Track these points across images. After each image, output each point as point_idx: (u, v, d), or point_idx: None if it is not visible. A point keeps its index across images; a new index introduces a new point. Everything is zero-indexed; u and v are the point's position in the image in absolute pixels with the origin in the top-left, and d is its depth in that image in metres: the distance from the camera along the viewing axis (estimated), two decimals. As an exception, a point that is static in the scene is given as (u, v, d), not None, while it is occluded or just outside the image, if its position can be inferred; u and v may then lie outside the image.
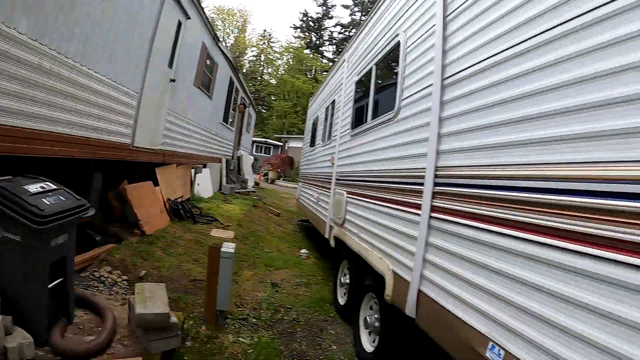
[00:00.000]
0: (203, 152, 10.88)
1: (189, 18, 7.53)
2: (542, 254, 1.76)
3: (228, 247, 3.93)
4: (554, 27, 1.82)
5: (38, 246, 2.60)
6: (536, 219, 1.81)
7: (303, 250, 8.00)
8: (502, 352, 1.90)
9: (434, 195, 2.78)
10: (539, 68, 1.89)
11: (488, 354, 1.99)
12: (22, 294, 2.62)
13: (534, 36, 1.94)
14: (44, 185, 2.88)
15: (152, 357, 2.93)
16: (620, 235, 1.40)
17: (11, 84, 3.20)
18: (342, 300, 5.10)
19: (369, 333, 3.92)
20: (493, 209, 2.14)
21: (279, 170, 29.49)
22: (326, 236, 6.32)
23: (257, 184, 20.86)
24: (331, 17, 54.72)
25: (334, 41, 53.73)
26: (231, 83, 13.55)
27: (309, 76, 46.60)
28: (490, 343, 1.99)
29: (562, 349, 1.56)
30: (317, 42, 54.42)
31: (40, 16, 3.41)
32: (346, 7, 52.40)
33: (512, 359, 1.82)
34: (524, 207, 1.90)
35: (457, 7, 2.74)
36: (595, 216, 1.51)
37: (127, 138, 5.63)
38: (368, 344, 3.88)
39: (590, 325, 1.47)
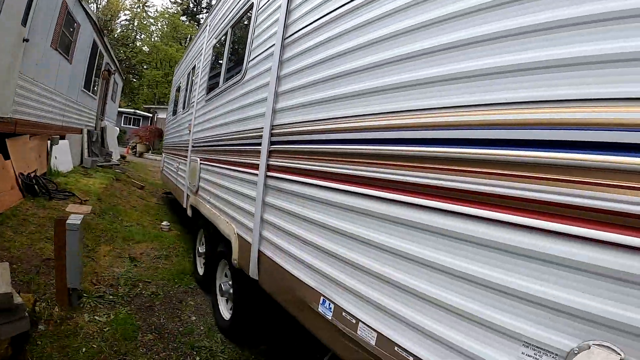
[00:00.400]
0: (61, 122, 10.18)
1: (47, -29, 6.98)
2: (361, 205, 1.88)
3: (74, 219, 3.74)
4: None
5: None
6: (356, 170, 1.94)
7: (164, 223, 7.90)
8: (332, 305, 2.01)
9: (270, 154, 2.89)
10: (367, 23, 2.01)
11: (320, 309, 2.10)
12: None
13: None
14: None
15: (0, 344, 2.81)
16: (433, 181, 1.52)
17: None
18: (201, 271, 5.19)
19: (226, 301, 4.04)
20: (317, 163, 2.28)
21: (147, 142, 28.26)
22: (184, 206, 6.31)
23: (123, 157, 19.87)
24: (211, -16, 52.52)
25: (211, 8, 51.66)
26: (95, 46, 12.74)
27: (183, 44, 44.58)
28: (322, 298, 2.10)
29: (386, 299, 1.68)
30: (195, 9, 52.14)
31: None
32: (226, -26, 50.50)
33: (341, 312, 1.93)
34: (343, 160, 2.05)
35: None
36: (410, 164, 1.64)
37: (-30, 105, 5.19)
38: (225, 311, 4.00)
39: (410, 274, 1.58)
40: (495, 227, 1.31)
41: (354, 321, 1.85)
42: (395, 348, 1.60)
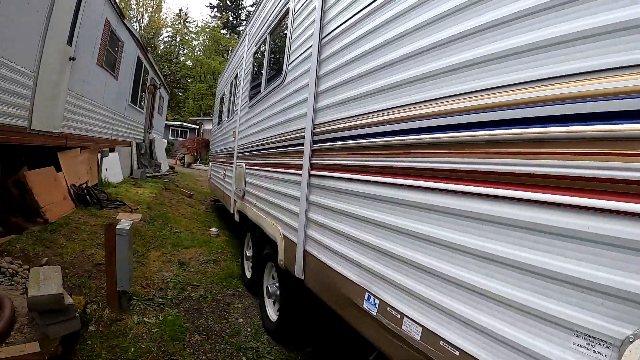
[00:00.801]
0: (110, 135, 10.53)
1: (89, -7, 7.25)
2: (405, 197, 1.83)
3: (124, 225, 3.87)
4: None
5: None
6: (397, 161, 1.91)
7: (213, 229, 8.03)
8: (377, 301, 1.98)
9: (312, 153, 2.90)
10: (399, 15, 2.00)
11: (365, 305, 2.07)
12: None
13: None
14: None
15: (51, 343, 2.90)
16: (490, 167, 1.42)
17: None
18: (248, 274, 5.22)
19: (273, 302, 4.04)
20: (358, 158, 2.28)
21: (194, 153, 28.94)
22: (231, 211, 6.38)
23: (172, 168, 20.39)
24: (249, -4, 53.49)
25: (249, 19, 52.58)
26: (139, 63, 13.12)
27: (225, 57, 45.50)
28: (367, 294, 2.07)
29: (431, 292, 1.63)
30: (234, 21, 53.30)
31: None
32: (263, -15, 51.20)
33: (386, 307, 1.89)
34: (384, 152, 2.02)
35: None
36: (453, 151, 1.57)
37: (23, 120, 5.42)
38: (272, 313, 4.01)
39: (455, 264, 1.52)
40: (544, 209, 1.23)
41: (398, 316, 1.81)
42: (441, 342, 1.55)
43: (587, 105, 1.12)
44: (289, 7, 3.90)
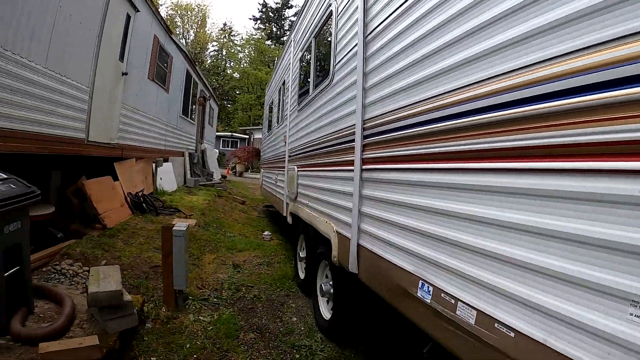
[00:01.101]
0: (163, 146, 10.85)
1: (137, 11, 7.53)
2: (458, 180, 1.81)
3: (180, 226, 4.01)
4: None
5: None
6: (445, 146, 1.91)
7: (266, 233, 8.12)
8: (430, 288, 1.98)
9: (363, 148, 2.93)
10: (439, 3, 2.03)
11: (419, 293, 2.07)
12: (-24, 282, 2.66)
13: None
14: (-6, 175, 2.96)
15: (109, 337, 2.99)
16: (540, 141, 1.37)
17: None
18: (302, 274, 5.25)
19: (326, 301, 4.06)
20: (408, 148, 2.28)
21: (245, 162, 29.46)
22: (284, 214, 6.46)
23: (224, 177, 20.82)
24: (290, 7, 54.11)
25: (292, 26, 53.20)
26: (188, 76, 13.48)
27: (271, 67, 46.21)
28: (420, 281, 2.07)
29: (485, 274, 1.60)
30: (278, 32, 54.13)
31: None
32: (305, -5, 51.66)
33: (440, 293, 1.88)
34: (434, 139, 2.02)
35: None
36: (503, 129, 1.55)
37: (81, 132, 5.66)
38: (326, 311, 4.02)
39: (508, 242, 1.49)
40: (598, 177, 1.19)
41: (452, 301, 1.79)
42: (496, 325, 1.52)
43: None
44: (331, 10, 3.99)
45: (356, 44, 3.12)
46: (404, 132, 2.34)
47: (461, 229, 1.77)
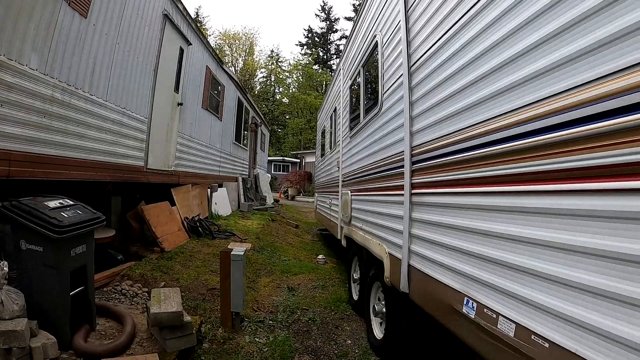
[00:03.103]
0: (217, 172, 11.14)
1: (190, 44, 7.86)
2: (499, 202, 1.91)
3: (238, 250, 4.12)
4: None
5: (59, 256, 2.82)
6: (488, 171, 2.00)
7: (320, 256, 8.14)
8: (475, 304, 2.07)
9: (412, 173, 3.04)
10: (478, 34, 2.13)
11: (464, 310, 2.16)
12: (46, 301, 2.83)
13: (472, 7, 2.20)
14: (62, 202, 3.14)
15: (168, 355, 3.10)
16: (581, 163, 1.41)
17: (29, 115, 3.52)
18: (355, 296, 5.27)
19: (379, 322, 4.06)
20: (453, 173, 2.38)
21: (297, 186, 29.73)
22: (338, 237, 6.52)
23: (277, 201, 21.04)
24: (335, 31, 54.70)
25: (340, 54, 53.78)
26: (240, 103, 13.83)
27: (319, 91, 46.94)
28: (465, 298, 2.17)
29: (523, 289, 1.69)
30: (325, 56, 54.75)
31: (49, 52, 3.74)
32: (349, 19, 51.81)
33: (483, 309, 1.98)
34: (475, 164, 2.13)
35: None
36: (541, 153, 1.61)
37: (140, 161, 5.92)
38: (378, 331, 4.03)
39: (544, 260, 1.57)
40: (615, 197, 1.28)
41: (494, 316, 1.89)
42: (532, 337, 1.61)
43: None
44: (377, 41, 4.15)
45: (401, 74, 3.28)
46: (448, 158, 2.45)
47: (500, 247, 1.88)
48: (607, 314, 1.27)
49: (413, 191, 3.02)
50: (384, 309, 3.84)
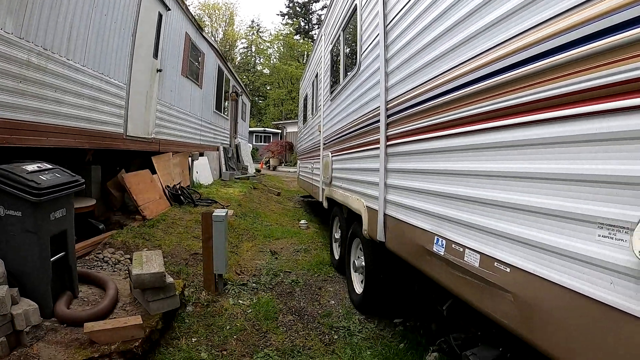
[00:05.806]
0: (199, 141, 11.05)
1: (169, 9, 7.68)
2: (463, 142, 2.03)
3: (220, 212, 4.13)
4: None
5: (38, 220, 2.77)
6: (456, 113, 2.09)
7: (302, 222, 8.22)
8: (443, 242, 2.22)
9: (387, 126, 3.19)
10: None
11: (434, 248, 2.32)
12: (27, 267, 2.80)
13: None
14: (40, 166, 3.07)
15: (152, 318, 3.11)
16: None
17: (5, 80, 3.43)
18: (337, 255, 5.45)
19: (360, 279, 4.16)
20: (424, 120, 2.49)
21: (279, 156, 29.70)
22: (320, 199, 6.64)
23: (258, 171, 21.06)
24: (317, 0, 53.97)
25: (321, 23, 52.90)
26: (220, 72, 13.66)
27: (301, 62, 46.29)
28: (435, 237, 2.32)
29: (485, 220, 1.81)
30: (306, 26, 53.77)
31: (24, 16, 3.62)
32: (331, -12, 51.17)
33: (451, 244, 2.13)
34: (439, 111, 2.27)
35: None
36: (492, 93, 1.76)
37: (120, 127, 5.83)
38: (358, 285, 4.18)
39: (501, 189, 1.70)
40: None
41: (461, 249, 2.03)
42: (495, 264, 1.73)
43: None
44: (356, 4, 4.26)
45: (378, 34, 3.39)
46: (418, 107, 2.57)
47: (465, 184, 2.01)
48: (560, 232, 1.37)
49: (388, 143, 3.17)
50: (363, 263, 3.96)
